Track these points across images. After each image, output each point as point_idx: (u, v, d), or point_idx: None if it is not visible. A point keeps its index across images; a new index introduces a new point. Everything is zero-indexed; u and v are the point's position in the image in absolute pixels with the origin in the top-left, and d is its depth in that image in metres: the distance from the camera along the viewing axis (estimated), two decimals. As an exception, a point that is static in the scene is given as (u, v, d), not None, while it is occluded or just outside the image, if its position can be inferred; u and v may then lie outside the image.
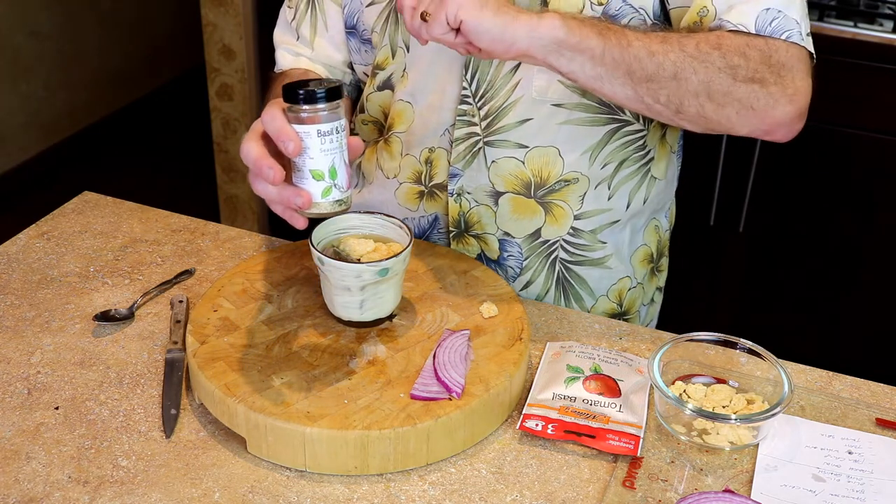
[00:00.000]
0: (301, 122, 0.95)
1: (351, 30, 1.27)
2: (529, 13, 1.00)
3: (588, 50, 1.01)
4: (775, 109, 1.05)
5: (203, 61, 2.78)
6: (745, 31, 1.04)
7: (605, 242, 1.27)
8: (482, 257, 1.28)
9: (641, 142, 1.21)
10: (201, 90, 2.96)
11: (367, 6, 1.22)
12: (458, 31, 0.99)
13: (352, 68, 1.32)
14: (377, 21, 1.22)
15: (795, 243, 2.26)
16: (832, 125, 2.10)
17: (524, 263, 1.27)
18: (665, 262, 1.39)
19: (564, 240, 1.25)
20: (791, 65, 1.05)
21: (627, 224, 1.28)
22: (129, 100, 3.91)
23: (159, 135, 3.90)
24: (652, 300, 1.39)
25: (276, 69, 1.33)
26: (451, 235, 1.27)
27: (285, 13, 1.33)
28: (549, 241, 1.25)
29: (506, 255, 1.27)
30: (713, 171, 2.22)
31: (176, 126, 3.92)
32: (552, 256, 1.27)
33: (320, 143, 0.95)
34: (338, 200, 0.98)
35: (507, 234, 1.25)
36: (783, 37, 1.04)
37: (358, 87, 1.36)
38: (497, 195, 1.22)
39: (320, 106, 0.95)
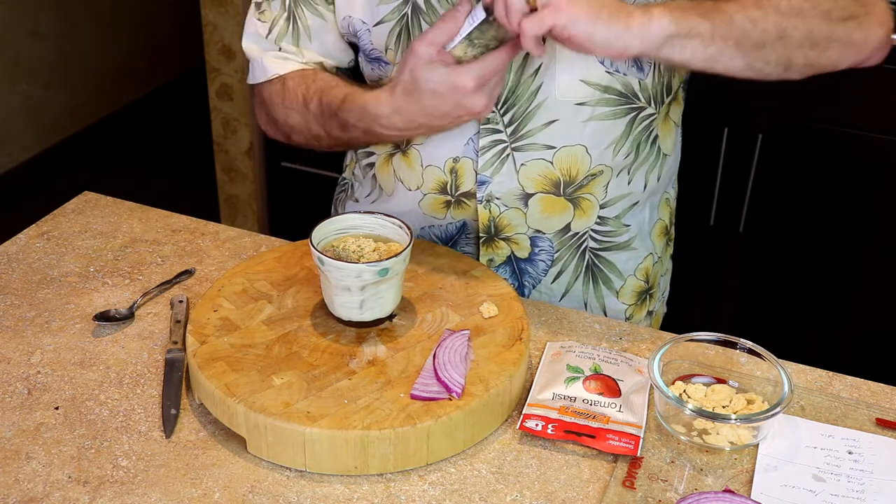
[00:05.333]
0: None
1: (353, 46, 1.25)
2: (639, 14, 1.01)
3: (698, 36, 1.03)
4: (870, 37, 1.11)
5: (203, 61, 2.77)
6: None
7: (628, 225, 1.28)
8: (512, 259, 1.28)
9: (653, 124, 1.22)
10: (201, 90, 2.96)
11: (374, 25, 1.19)
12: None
13: (339, 69, 1.29)
14: (389, 38, 1.19)
15: (795, 243, 2.26)
16: (832, 125, 2.10)
17: (555, 256, 1.27)
18: (673, 230, 1.41)
19: (592, 229, 1.26)
20: None
21: (647, 203, 1.30)
22: (129, 100, 3.91)
23: (159, 135, 3.90)
24: (667, 269, 1.41)
25: (267, 75, 1.26)
26: (480, 241, 1.27)
27: (256, 27, 1.26)
28: (578, 233, 1.26)
29: (537, 250, 1.27)
30: (713, 171, 2.22)
31: (176, 126, 3.92)
32: (582, 247, 1.27)
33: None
34: None
35: (538, 231, 1.25)
36: None
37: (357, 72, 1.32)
38: (527, 197, 1.22)
39: None
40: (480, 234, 1.26)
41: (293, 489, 0.95)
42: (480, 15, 1.03)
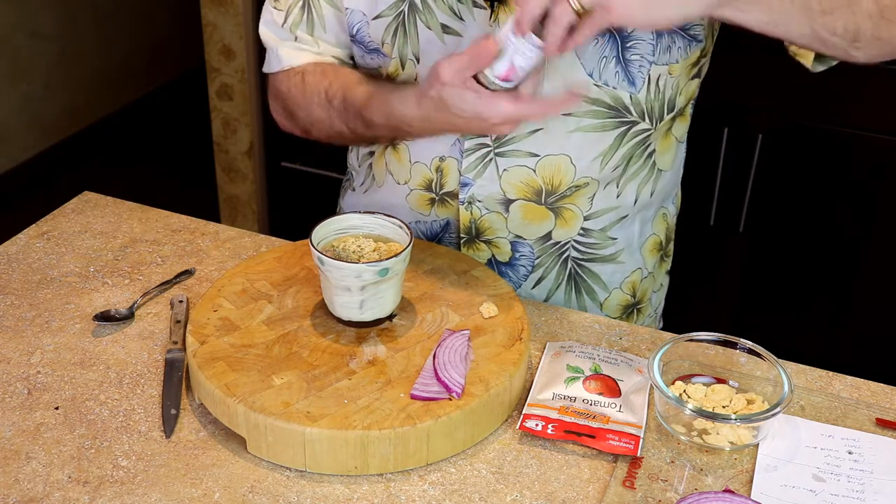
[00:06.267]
0: None
1: (351, 37, 1.24)
2: None
3: (764, 1, 0.97)
4: None
5: (203, 61, 2.78)
6: None
7: (615, 238, 1.27)
8: (493, 262, 1.28)
9: (648, 139, 1.22)
10: (201, 90, 2.96)
11: (373, 19, 1.20)
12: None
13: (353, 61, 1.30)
14: (385, 33, 1.19)
15: (795, 243, 2.26)
16: (832, 125, 2.10)
17: (535, 262, 1.27)
18: (671, 246, 1.40)
19: (575, 240, 1.26)
20: None
21: (637, 217, 1.28)
22: (129, 100, 3.91)
23: (159, 135, 3.90)
24: (661, 285, 1.39)
25: (282, 65, 1.26)
26: (461, 241, 1.27)
27: (272, 14, 1.26)
28: (560, 242, 1.26)
29: (518, 255, 1.26)
30: (713, 171, 2.22)
31: (176, 126, 3.92)
32: (564, 255, 1.27)
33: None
34: None
35: (518, 236, 1.25)
36: None
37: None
38: (508, 202, 1.22)
39: None
40: (461, 235, 1.26)
41: (293, 489, 0.95)
42: (536, 46, 0.96)
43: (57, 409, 1.04)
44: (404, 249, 1.05)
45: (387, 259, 1.03)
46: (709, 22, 1.15)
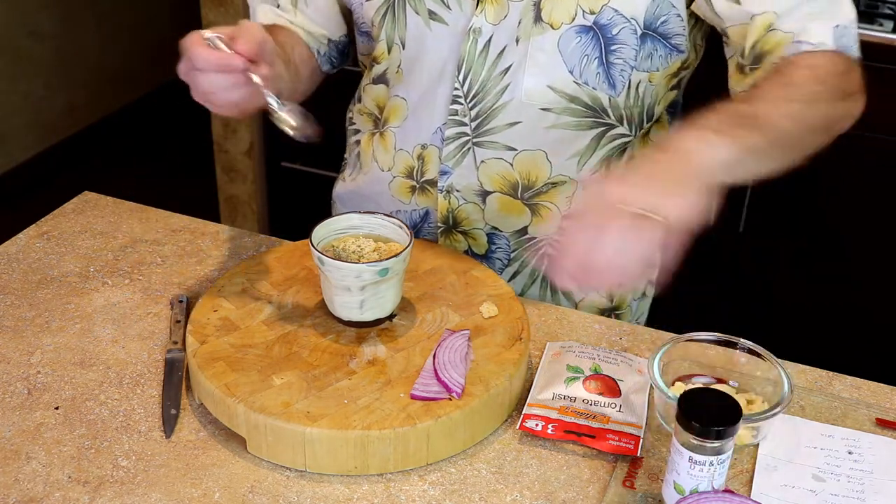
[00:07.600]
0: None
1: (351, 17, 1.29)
2: (696, 152, 0.93)
3: (755, 152, 0.98)
4: (859, 109, 1.14)
5: (203, 61, 2.77)
6: (825, 48, 1.08)
7: None
8: (469, 254, 1.28)
9: (627, 145, 1.22)
10: (201, 90, 2.96)
11: (366, 0, 1.22)
12: None
13: (331, 40, 1.32)
14: (376, 15, 1.22)
15: (795, 243, 2.25)
16: (832, 125, 2.10)
17: (512, 255, 1.27)
18: (658, 255, 1.39)
19: (553, 238, 1.26)
20: (855, 69, 1.13)
21: None
22: (129, 100, 3.91)
23: (159, 135, 3.90)
24: (644, 294, 1.39)
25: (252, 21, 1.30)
26: (439, 231, 1.28)
27: None
28: (536, 238, 1.26)
29: (494, 247, 1.27)
30: (713, 171, 2.21)
31: (176, 126, 3.92)
32: (540, 252, 1.27)
33: (690, 468, 0.88)
34: None
35: (495, 228, 1.26)
36: (851, 52, 1.12)
37: (330, 61, 1.35)
38: (485, 194, 1.23)
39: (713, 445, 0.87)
40: (439, 224, 1.27)
41: (293, 489, 0.95)
42: None
43: (57, 409, 1.04)
44: (404, 249, 1.05)
45: (387, 259, 1.03)
46: (691, 37, 1.17)
